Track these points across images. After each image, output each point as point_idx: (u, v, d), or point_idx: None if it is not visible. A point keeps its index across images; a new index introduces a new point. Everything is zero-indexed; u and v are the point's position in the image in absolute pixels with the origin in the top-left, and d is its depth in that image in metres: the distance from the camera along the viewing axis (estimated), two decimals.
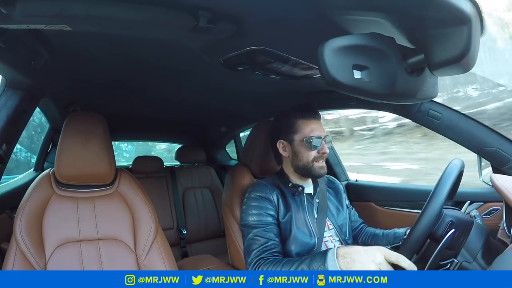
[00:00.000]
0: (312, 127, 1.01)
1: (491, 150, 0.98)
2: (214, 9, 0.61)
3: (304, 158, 1.02)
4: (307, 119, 1.02)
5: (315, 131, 1.01)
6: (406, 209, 1.32)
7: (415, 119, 1.08)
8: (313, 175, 1.03)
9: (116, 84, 1.25)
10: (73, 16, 0.57)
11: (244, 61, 0.88)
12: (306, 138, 1.00)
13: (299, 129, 1.02)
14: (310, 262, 0.79)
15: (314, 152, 1.00)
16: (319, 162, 1.01)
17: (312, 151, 1.00)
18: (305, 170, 1.02)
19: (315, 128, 1.01)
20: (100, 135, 0.99)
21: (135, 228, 1.01)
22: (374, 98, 0.56)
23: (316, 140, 0.99)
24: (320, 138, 1.00)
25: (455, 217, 0.74)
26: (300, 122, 1.02)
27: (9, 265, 0.82)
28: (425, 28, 0.52)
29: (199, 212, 2.09)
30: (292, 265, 0.82)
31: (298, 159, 1.03)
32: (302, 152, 1.02)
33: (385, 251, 0.71)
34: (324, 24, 0.62)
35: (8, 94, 0.92)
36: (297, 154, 1.03)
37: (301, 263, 0.80)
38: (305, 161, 1.02)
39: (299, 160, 1.03)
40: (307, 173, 1.03)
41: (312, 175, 1.03)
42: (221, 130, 2.20)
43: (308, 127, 1.01)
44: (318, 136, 0.99)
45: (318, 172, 1.02)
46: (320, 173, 1.02)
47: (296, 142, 1.02)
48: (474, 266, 0.69)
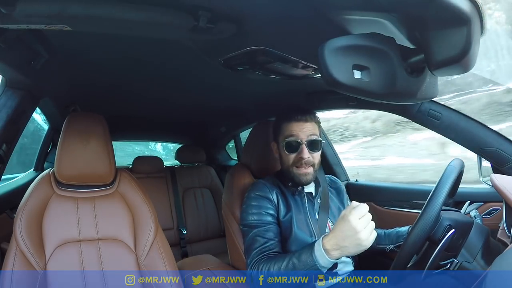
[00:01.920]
0: (292, 130, 0.97)
1: (491, 150, 0.98)
2: (214, 9, 0.61)
3: (284, 162, 1.00)
4: (289, 121, 0.99)
5: (294, 134, 0.97)
6: (406, 209, 1.32)
7: (415, 119, 1.08)
8: (295, 182, 0.99)
9: (116, 84, 1.25)
10: (73, 16, 0.57)
11: (244, 61, 0.88)
12: (283, 141, 0.98)
13: (281, 131, 1.01)
14: (300, 255, 0.80)
15: (293, 156, 0.97)
16: (300, 168, 0.97)
17: (290, 154, 0.97)
18: (288, 174, 1.00)
19: (296, 130, 0.97)
20: (100, 135, 0.99)
21: (135, 228, 1.01)
22: (374, 98, 0.56)
23: (291, 143, 0.96)
24: (298, 141, 0.96)
25: (454, 220, 0.74)
26: (283, 124, 1.00)
27: (9, 265, 0.81)
28: (425, 28, 0.52)
29: (199, 212, 2.09)
30: (284, 260, 0.83)
31: (282, 162, 1.02)
32: (283, 156, 1.01)
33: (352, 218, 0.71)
34: (324, 24, 0.62)
35: (8, 94, 0.92)
36: (280, 157, 1.03)
37: (292, 256, 0.81)
38: (285, 165, 1.00)
39: (282, 163, 1.02)
40: (290, 178, 1.00)
41: (294, 181, 0.99)
42: (221, 130, 2.20)
43: (288, 130, 0.98)
44: (294, 139, 0.96)
45: (299, 179, 0.97)
46: (301, 180, 0.97)
47: (280, 145, 1.01)
48: (474, 266, 0.69)
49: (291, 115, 0.99)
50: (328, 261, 0.75)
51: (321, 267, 0.76)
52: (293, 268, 0.80)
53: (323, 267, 0.76)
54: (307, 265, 0.77)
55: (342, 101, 1.26)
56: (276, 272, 0.83)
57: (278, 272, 0.82)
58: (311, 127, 0.98)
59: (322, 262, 0.75)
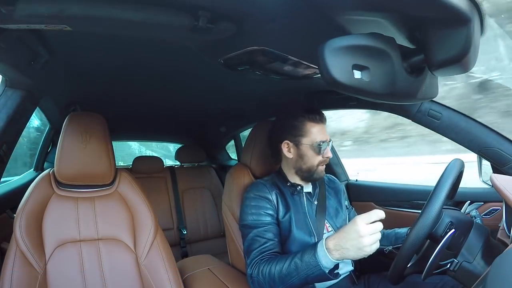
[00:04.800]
0: (321, 132, 1.01)
1: (491, 150, 0.98)
2: (214, 9, 0.61)
3: (309, 161, 1.01)
4: (316, 123, 1.01)
5: (323, 135, 1.01)
6: (406, 209, 1.32)
7: (415, 119, 1.08)
8: (314, 178, 1.04)
9: (116, 84, 1.25)
10: (73, 16, 0.57)
11: (244, 61, 0.87)
12: (316, 143, 0.99)
13: (307, 132, 1.00)
14: (302, 255, 0.80)
15: (320, 156, 1.00)
16: (322, 166, 1.02)
17: (319, 155, 1.00)
18: (308, 173, 1.02)
19: (323, 132, 1.01)
20: (100, 135, 1.00)
21: (135, 228, 1.01)
22: (374, 98, 0.56)
23: (324, 145, 0.99)
24: (327, 142, 1.00)
25: (455, 218, 0.74)
26: (309, 125, 1.01)
27: (9, 265, 0.81)
28: (425, 28, 0.52)
29: (199, 212, 2.09)
30: (286, 260, 0.83)
31: (303, 161, 1.02)
32: (309, 156, 1.01)
33: (360, 221, 0.72)
34: (324, 24, 0.62)
35: (8, 94, 0.92)
36: (302, 156, 1.02)
37: (294, 257, 0.81)
38: (309, 165, 1.01)
39: (304, 163, 1.02)
40: (309, 176, 1.03)
41: (314, 178, 1.03)
42: (221, 130, 2.20)
43: (317, 131, 1.00)
44: (326, 141, 1.00)
45: (320, 176, 1.03)
46: (321, 176, 1.04)
47: (304, 145, 1.01)
48: (474, 266, 0.69)
49: (315, 117, 1.01)
50: (330, 261, 0.74)
51: (324, 268, 0.75)
52: (295, 268, 0.79)
53: (325, 267, 0.75)
54: (309, 265, 0.77)
55: (342, 101, 1.26)
56: (277, 273, 0.83)
57: (279, 273, 0.82)
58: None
59: (324, 262, 0.75)
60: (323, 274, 0.76)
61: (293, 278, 0.80)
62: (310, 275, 0.77)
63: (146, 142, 4.00)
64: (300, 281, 0.80)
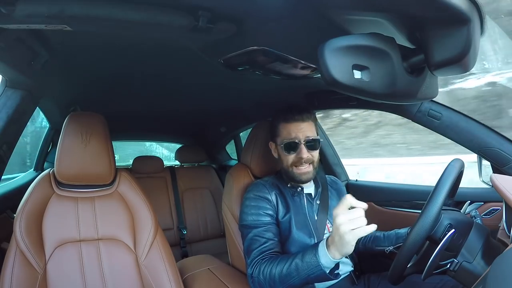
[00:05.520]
0: (290, 130, 0.99)
1: (491, 150, 0.98)
2: (214, 9, 0.61)
3: (284, 162, 1.02)
4: (287, 122, 1.00)
5: (293, 134, 0.98)
6: (406, 209, 1.32)
7: (415, 119, 1.08)
8: (294, 181, 1.02)
9: (116, 84, 1.25)
10: (73, 16, 0.57)
11: (244, 61, 0.87)
12: (282, 142, 0.99)
13: (279, 132, 1.02)
14: (303, 255, 0.79)
15: (292, 156, 0.99)
16: (300, 167, 0.99)
17: (289, 155, 0.99)
18: (286, 174, 1.03)
19: (294, 131, 0.98)
20: (100, 135, 1.00)
21: (135, 228, 1.01)
22: (374, 98, 0.56)
23: (290, 144, 0.97)
24: (296, 142, 0.97)
25: (454, 219, 0.74)
26: (281, 125, 1.01)
27: (9, 265, 0.81)
28: (425, 28, 0.52)
29: (199, 212, 2.09)
30: (287, 261, 0.82)
31: (281, 162, 1.03)
32: (282, 156, 1.02)
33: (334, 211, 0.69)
34: (324, 24, 0.62)
35: (8, 94, 0.92)
36: (279, 157, 1.04)
37: (295, 257, 0.81)
38: (284, 165, 1.02)
39: (281, 163, 1.03)
40: (289, 178, 1.03)
41: (294, 180, 1.02)
42: (221, 130, 2.20)
43: (286, 131, 1.00)
44: (293, 140, 0.97)
45: (299, 178, 1.00)
46: (301, 179, 1.00)
47: (278, 146, 1.03)
48: (474, 266, 0.69)
49: (287, 116, 1.00)
50: (330, 260, 0.74)
51: (324, 267, 0.75)
52: (296, 269, 0.79)
53: (325, 267, 0.75)
54: (310, 265, 0.76)
55: (342, 101, 1.26)
56: (278, 273, 0.82)
57: (280, 273, 0.82)
58: (308, 127, 1.00)
59: (324, 261, 0.75)
60: (323, 274, 0.75)
61: (294, 278, 0.80)
62: (310, 275, 0.77)
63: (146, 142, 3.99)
64: (301, 281, 0.79)
